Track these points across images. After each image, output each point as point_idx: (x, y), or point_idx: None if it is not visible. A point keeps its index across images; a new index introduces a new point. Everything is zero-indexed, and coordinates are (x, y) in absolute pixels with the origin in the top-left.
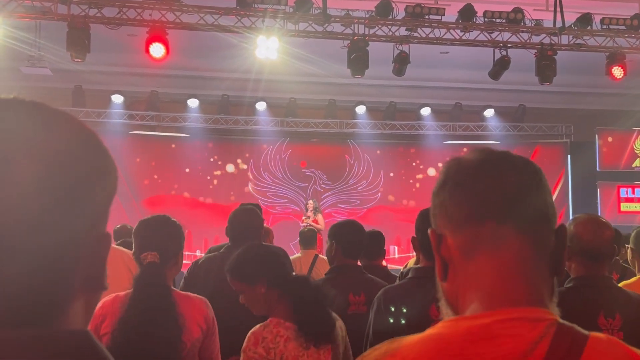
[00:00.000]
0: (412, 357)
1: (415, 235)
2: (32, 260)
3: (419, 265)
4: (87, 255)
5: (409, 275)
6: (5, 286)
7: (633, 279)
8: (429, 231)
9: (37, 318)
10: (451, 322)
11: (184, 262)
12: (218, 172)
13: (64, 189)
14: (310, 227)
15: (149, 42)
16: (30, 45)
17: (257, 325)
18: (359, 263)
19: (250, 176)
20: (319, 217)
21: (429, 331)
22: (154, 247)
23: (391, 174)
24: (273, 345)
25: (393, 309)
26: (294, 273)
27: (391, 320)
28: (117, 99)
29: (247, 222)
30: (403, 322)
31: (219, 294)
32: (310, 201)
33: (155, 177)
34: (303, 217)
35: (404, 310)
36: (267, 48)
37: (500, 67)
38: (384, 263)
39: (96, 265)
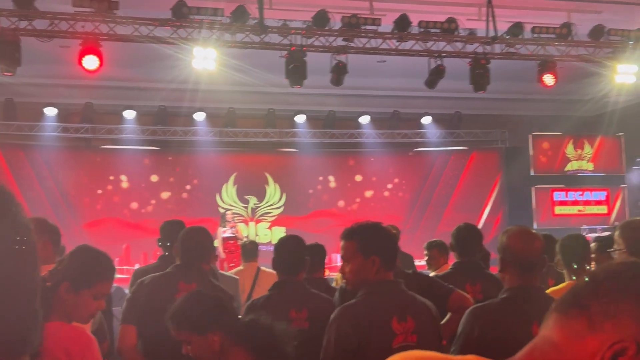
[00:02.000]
0: None
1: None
2: None
3: (373, 280)
4: None
5: (364, 292)
6: None
7: (561, 285)
8: None
9: None
10: None
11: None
12: (155, 182)
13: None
14: (252, 240)
15: (82, 54)
16: None
17: None
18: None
19: (190, 186)
20: (239, 226)
21: None
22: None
23: (332, 181)
24: None
25: (357, 328)
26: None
27: (356, 339)
28: (51, 111)
29: (199, 241)
30: (367, 339)
31: (163, 313)
32: (228, 212)
33: (97, 186)
34: (221, 228)
35: (368, 327)
36: (205, 58)
37: (435, 75)
38: (326, 273)
39: None
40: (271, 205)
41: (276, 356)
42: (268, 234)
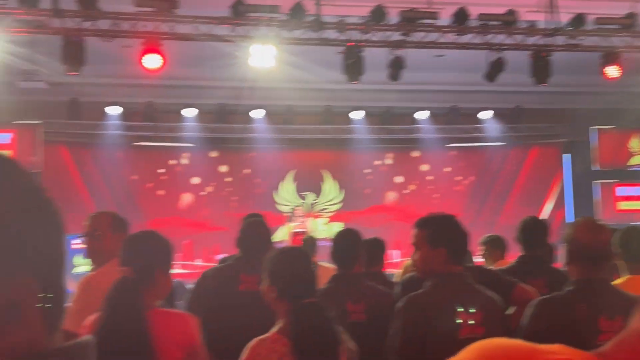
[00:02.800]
0: None
1: None
2: None
3: (441, 272)
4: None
5: (430, 282)
6: None
7: (622, 279)
8: None
9: None
10: None
11: (186, 272)
12: (214, 179)
13: None
14: (311, 235)
15: (143, 53)
16: (26, 59)
17: (255, 339)
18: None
19: (251, 183)
20: (309, 222)
21: None
22: (128, 263)
23: (391, 178)
24: None
25: (421, 318)
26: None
27: (420, 329)
28: (114, 110)
29: (260, 234)
30: (432, 329)
31: (229, 306)
32: (298, 208)
33: (160, 184)
34: (290, 223)
35: (433, 318)
36: (263, 56)
37: (495, 69)
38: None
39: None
40: (329, 201)
41: (316, 340)
42: (326, 230)
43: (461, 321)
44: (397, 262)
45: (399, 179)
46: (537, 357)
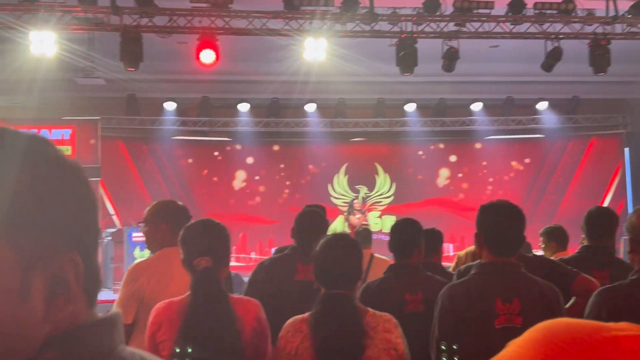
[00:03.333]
0: None
1: (478, 231)
2: None
3: (484, 261)
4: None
5: (473, 271)
6: None
7: None
8: None
9: None
10: None
11: (241, 265)
12: (268, 173)
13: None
14: (365, 227)
15: (199, 49)
16: (84, 57)
17: (292, 318)
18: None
19: (305, 177)
20: (368, 215)
21: None
22: (206, 252)
23: (443, 169)
24: (292, 338)
25: (458, 306)
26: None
27: (456, 317)
28: (170, 106)
29: (314, 223)
30: (468, 318)
31: (284, 294)
32: (356, 200)
33: (215, 178)
34: (350, 215)
35: (469, 307)
36: (315, 49)
37: (552, 58)
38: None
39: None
40: (381, 194)
41: (333, 337)
42: (379, 223)
43: (497, 310)
44: (451, 255)
45: (453, 172)
46: (602, 334)
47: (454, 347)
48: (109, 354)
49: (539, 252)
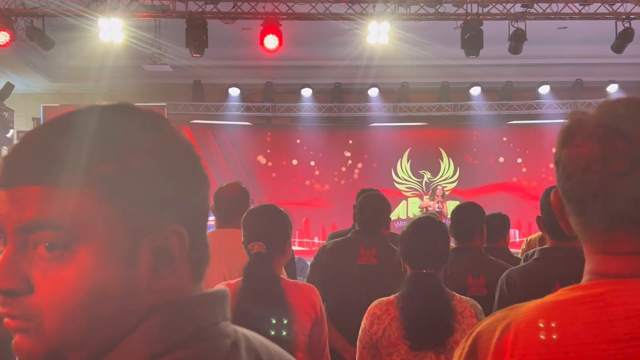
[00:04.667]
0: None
1: (540, 215)
2: None
3: (545, 246)
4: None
5: (534, 257)
6: None
7: None
8: None
9: None
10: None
11: (304, 249)
12: (331, 158)
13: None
14: (433, 211)
15: (263, 34)
16: (151, 44)
17: (377, 300)
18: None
19: (365, 161)
20: (447, 204)
21: (543, 299)
22: (260, 237)
23: (507, 154)
24: (379, 321)
25: (516, 291)
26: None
27: (514, 303)
28: (234, 92)
29: (377, 206)
30: (521, 299)
31: (346, 278)
32: (439, 187)
33: (279, 163)
34: (430, 202)
35: (527, 292)
36: (378, 33)
37: (623, 39)
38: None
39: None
40: (445, 179)
41: (421, 321)
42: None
43: None
44: (517, 242)
45: (519, 157)
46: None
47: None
48: (209, 328)
49: None
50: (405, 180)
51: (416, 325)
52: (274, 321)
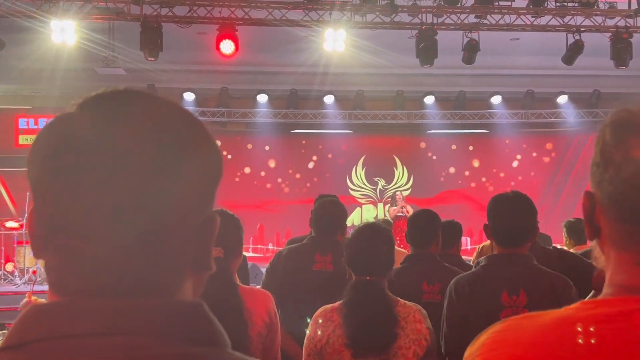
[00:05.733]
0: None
1: (487, 223)
2: (150, 234)
3: (493, 253)
4: (194, 236)
5: (482, 263)
6: (129, 258)
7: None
8: None
9: (156, 289)
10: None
11: (258, 255)
12: (286, 164)
13: (170, 171)
14: (385, 218)
15: (219, 39)
16: (105, 46)
17: (321, 307)
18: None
19: (320, 169)
20: (409, 207)
21: (559, 312)
22: (217, 242)
23: (464, 163)
24: (323, 328)
25: (464, 298)
26: None
27: (462, 309)
28: (189, 96)
29: (333, 212)
30: (473, 310)
31: (302, 284)
32: (398, 193)
33: (232, 169)
34: (391, 207)
35: (475, 299)
36: (335, 41)
37: (573, 52)
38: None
39: (202, 246)
40: (399, 187)
41: (364, 329)
42: None
43: (503, 302)
44: (469, 249)
45: (472, 165)
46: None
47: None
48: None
49: (560, 246)
50: (360, 187)
51: (359, 332)
52: (230, 327)
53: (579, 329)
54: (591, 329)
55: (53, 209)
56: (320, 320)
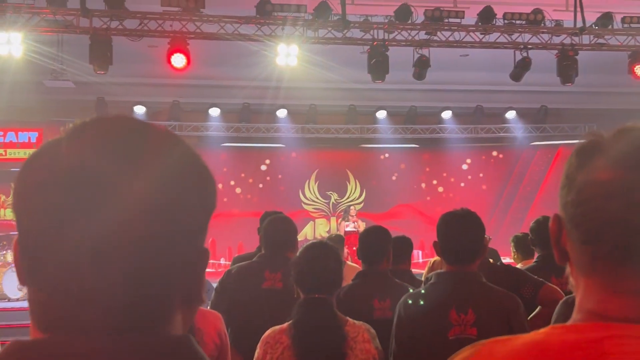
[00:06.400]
0: None
1: (437, 240)
2: (136, 271)
3: (441, 270)
4: (187, 269)
5: (431, 281)
6: (114, 295)
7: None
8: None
9: (142, 326)
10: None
11: (210, 270)
12: (239, 178)
13: (167, 206)
14: (338, 233)
15: (170, 53)
16: (53, 59)
17: (269, 329)
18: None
19: (273, 182)
20: (361, 222)
21: (529, 337)
22: None
23: (415, 178)
24: (272, 350)
25: (412, 316)
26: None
27: (411, 328)
28: (139, 109)
29: (282, 229)
30: (422, 328)
31: (251, 302)
32: (352, 207)
33: None
34: (344, 222)
35: (423, 317)
36: (288, 55)
37: (521, 68)
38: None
39: (194, 280)
40: (352, 201)
41: (315, 345)
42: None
43: (452, 321)
44: (421, 263)
45: (422, 179)
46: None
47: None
48: None
49: (509, 260)
50: (313, 201)
51: (308, 354)
52: None
53: (550, 355)
54: (561, 356)
55: (37, 243)
56: (269, 342)
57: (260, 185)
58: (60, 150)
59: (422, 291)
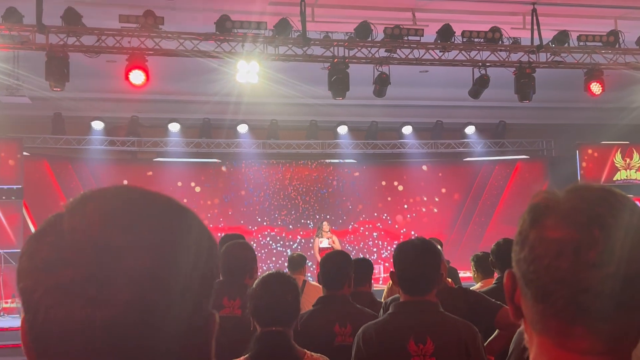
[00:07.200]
0: None
1: (393, 270)
2: (140, 351)
3: (400, 301)
4: (193, 338)
5: (389, 311)
6: None
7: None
8: None
9: None
10: None
11: None
12: (198, 193)
13: (174, 277)
14: (300, 253)
15: (128, 70)
16: (8, 74)
17: None
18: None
19: (237, 198)
20: (335, 238)
21: None
22: None
23: (376, 194)
24: None
25: (371, 347)
26: None
27: (369, 358)
28: (98, 125)
29: (240, 255)
30: (381, 359)
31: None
32: (325, 223)
33: None
34: (318, 238)
35: (382, 347)
36: (248, 72)
37: (479, 85)
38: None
39: (203, 347)
40: (311, 216)
41: None
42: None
43: (411, 351)
44: (381, 277)
45: (385, 194)
46: None
47: None
48: None
49: (469, 274)
50: (275, 217)
51: None
52: None
53: None
54: None
55: (44, 324)
56: None
57: (221, 201)
58: (64, 226)
59: (381, 321)
